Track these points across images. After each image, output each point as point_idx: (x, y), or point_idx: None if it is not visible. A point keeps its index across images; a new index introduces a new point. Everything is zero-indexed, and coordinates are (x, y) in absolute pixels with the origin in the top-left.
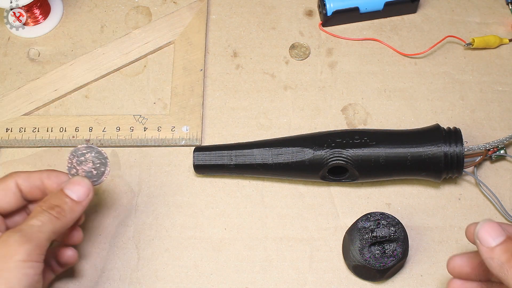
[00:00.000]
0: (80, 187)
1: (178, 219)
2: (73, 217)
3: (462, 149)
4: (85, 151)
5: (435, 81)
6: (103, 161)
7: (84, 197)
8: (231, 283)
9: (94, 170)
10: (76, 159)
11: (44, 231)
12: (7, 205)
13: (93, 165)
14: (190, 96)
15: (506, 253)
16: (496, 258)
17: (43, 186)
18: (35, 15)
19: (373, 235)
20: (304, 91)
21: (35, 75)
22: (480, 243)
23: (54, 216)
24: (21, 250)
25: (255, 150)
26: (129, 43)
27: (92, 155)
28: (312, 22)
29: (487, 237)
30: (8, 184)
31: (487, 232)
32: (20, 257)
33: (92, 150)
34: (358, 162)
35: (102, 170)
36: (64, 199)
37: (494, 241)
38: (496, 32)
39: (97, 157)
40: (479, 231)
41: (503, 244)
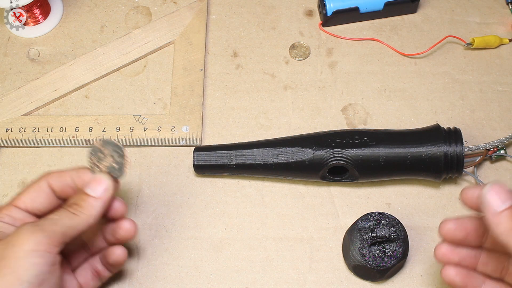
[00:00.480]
0: (98, 184)
1: (178, 219)
2: (92, 213)
3: (462, 149)
4: (102, 147)
5: (435, 81)
6: (121, 153)
7: (102, 193)
8: (231, 283)
9: (115, 164)
10: (95, 157)
11: (59, 224)
12: (42, 205)
13: (112, 159)
14: (190, 96)
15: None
16: (503, 224)
17: (74, 184)
18: (35, 15)
19: (373, 235)
20: (304, 91)
21: (35, 75)
22: (487, 205)
23: (71, 212)
24: (31, 239)
25: (255, 150)
26: (129, 43)
27: (110, 150)
28: (312, 22)
29: (493, 201)
30: (41, 185)
31: (494, 195)
32: (29, 246)
33: (108, 144)
34: (358, 162)
35: (122, 162)
36: (82, 196)
37: (502, 205)
38: (496, 32)
39: (115, 150)
40: (488, 193)
41: (510, 209)
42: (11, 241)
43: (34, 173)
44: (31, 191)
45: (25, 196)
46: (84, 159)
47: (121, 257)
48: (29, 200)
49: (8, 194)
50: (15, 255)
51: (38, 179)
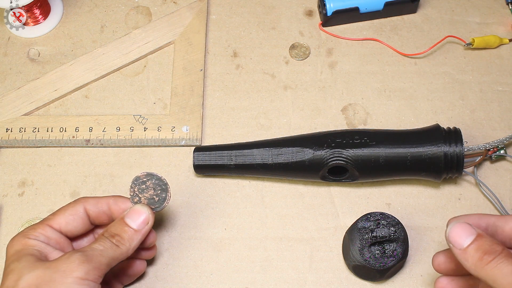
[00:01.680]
0: (139, 216)
1: (178, 219)
2: (132, 245)
3: (462, 149)
4: (145, 179)
5: (435, 81)
6: (163, 187)
7: (143, 226)
8: (231, 283)
9: (156, 197)
10: (137, 187)
11: (104, 255)
12: (75, 229)
13: (154, 192)
14: (190, 96)
15: (478, 251)
16: (470, 259)
17: (110, 211)
18: (35, 15)
19: (373, 235)
20: (304, 91)
21: (35, 75)
22: (453, 246)
23: (114, 243)
24: (81, 267)
25: (255, 150)
26: (129, 43)
27: (153, 182)
28: (312, 22)
29: (457, 239)
30: (77, 209)
31: (457, 234)
32: (79, 274)
33: (152, 177)
34: (358, 162)
35: (163, 196)
36: (124, 227)
37: (465, 242)
38: (496, 32)
39: (158, 184)
40: (449, 235)
41: (474, 243)
42: (60, 267)
43: (34, 173)
44: (67, 214)
45: (61, 217)
46: (84, 159)
47: (141, 269)
48: (64, 222)
49: (8, 194)
50: (64, 281)
51: (75, 202)
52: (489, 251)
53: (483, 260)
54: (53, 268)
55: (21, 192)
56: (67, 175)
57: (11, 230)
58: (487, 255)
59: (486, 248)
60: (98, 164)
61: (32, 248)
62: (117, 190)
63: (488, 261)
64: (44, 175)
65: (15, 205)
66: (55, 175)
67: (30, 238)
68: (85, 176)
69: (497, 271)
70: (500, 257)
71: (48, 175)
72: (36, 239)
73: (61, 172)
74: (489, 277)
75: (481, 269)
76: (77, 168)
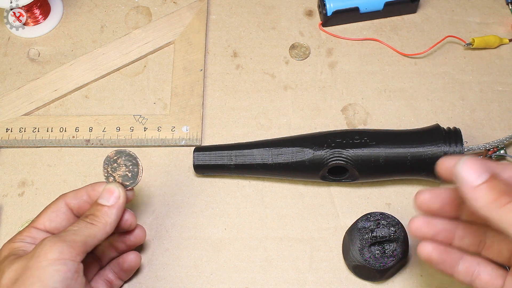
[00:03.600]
0: (110, 194)
1: (178, 219)
2: (108, 220)
3: (462, 149)
4: (116, 157)
5: (435, 81)
6: (134, 162)
7: (114, 201)
8: (231, 283)
9: (129, 173)
10: (110, 167)
11: (79, 234)
12: (60, 225)
13: (126, 168)
14: (190, 96)
15: (493, 191)
16: (483, 198)
17: (90, 199)
18: (35, 15)
19: (373, 235)
20: (304, 91)
21: (35, 75)
22: (463, 181)
23: (88, 222)
24: (53, 248)
25: (255, 150)
26: (129, 43)
27: (123, 159)
28: (312, 22)
29: (469, 175)
30: (58, 205)
31: (470, 169)
32: (53, 255)
33: (122, 154)
34: (358, 162)
35: (135, 171)
36: (97, 207)
37: (479, 179)
38: (496, 32)
39: (128, 159)
40: (462, 169)
41: (488, 182)
42: (35, 253)
43: (34, 173)
44: (49, 211)
45: (44, 217)
46: (84, 159)
47: (135, 262)
48: (48, 220)
49: (8, 194)
50: (39, 265)
51: (55, 200)
52: (507, 192)
53: (499, 201)
54: (29, 257)
55: (21, 192)
56: (67, 175)
57: (11, 230)
58: (505, 196)
59: (503, 188)
60: (98, 164)
61: (17, 250)
62: None
63: (505, 203)
64: (44, 175)
65: (15, 205)
66: (55, 175)
67: (15, 242)
68: (85, 176)
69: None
70: None
71: (48, 175)
72: (21, 241)
73: (61, 172)
74: (505, 219)
75: (496, 210)
76: (77, 168)
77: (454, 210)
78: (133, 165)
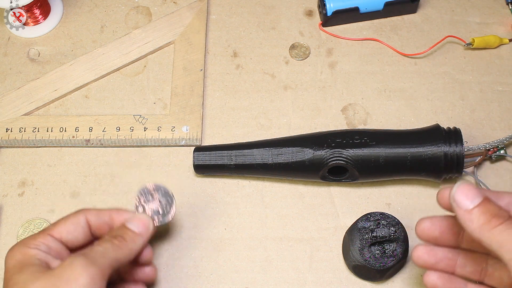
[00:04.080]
0: (140, 221)
1: (178, 219)
2: (134, 247)
3: (462, 149)
4: (153, 191)
5: (435, 81)
6: (169, 201)
7: (143, 230)
8: (231, 283)
9: (160, 210)
10: (144, 197)
11: (107, 256)
12: (76, 239)
13: (159, 204)
14: (190, 96)
15: (485, 214)
16: (475, 220)
17: (112, 222)
18: (35, 15)
19: (373, 235)
20: (304, 91)
21: (35, 75)
22: (457, 205)
23: (116, 244)
24: (85, 273)
25: (255, 150)
26: (129, 43)
27: (160, 194)
28: (312, 22)
29: (464, 199)
30: (79, 218)
31: (464, 194)
32: (84, 280)
33: (160, 190)
34: (358, 162)
35: (168, 210)
36: (125, 230)
37: (472, 203)
38: (496, 32)
39: (164, 196)
40: (455, 194)
41: (481, 205)
42: (64, 275)
43: (34, 173)
44: (68, 223)
45: (62, 227)
46: (84, 159)
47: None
48: (65, 231)
49: (8, 194)
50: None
51: (76, 212)
52: (498, 215)
53: (490, 223)
54: (57, 276)
55: (21, 192)
56: (67, 175)
57: (11, 230)
58: (495, 218)
59: (494, 211)
60: (98, 164)
61: (34, 258)
62: (117, 190)
63: (496, 225)
64: (44, 175)
65: (15, 205)
66: (55, 175)
67: (31, 248)
68: (85, 176)
69: (505, 236)
70: (509, 222)
71: (48, 175)
72: (36, 248)
73: (61, 172)
74: (495, 241)
75: (487, 232)
76: (77, 168)
77: (454, 238)
78: (168, 204)
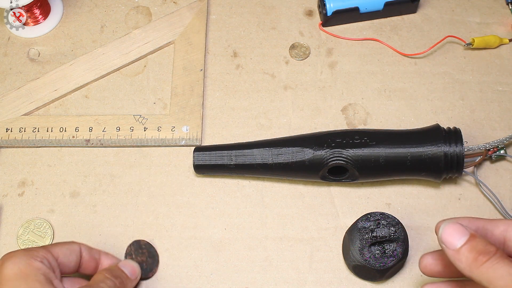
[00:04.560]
0: (131, 266)
1: (178, 219)
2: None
3: (462, 149)
4: (144, 246)
5: (435, 81)
6: (155, 260)
7: (134, 276)
8: (231, 283)
9: (145, 264)
10: (135, 248)
11: None
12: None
13: (145, 259)
14: (190, 96)
15: (472, 252)
16: (463, 260)
17: (100, 261)
18: (35, 15)
19: (373, 235)
20: (304, 91)
21: (35, 75)
22: (445, 246)
23: (117, 285)
24: None
25: (255, 150)
26: (129, 43)
27: (148, 251)
28: (312, 22)
29: (450, 239)
30: (74, 247)
31: (450, 234)
32: None
33: (150, 248)
34: (358, 162)
35: (151, 268)
36: (121, 273)
37: (459, 242)
38: (496, 32)
39: (152, 256)
40: (442, 235)
41: (467, 243)
42: None
43: (34, 173)
44: (65, 247)
45: (60, 249)
46: (84, 159)
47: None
48: (62, 253)
49: (8, 194)
50: None
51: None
52: (484, 251)
53: (477, 261)
54: None
55: (21, 192)
56: (67, 175)
57: (11, 230)
58: (482, 255)
59: (480, 248)
60: (98, 164)
61: (39, 271)
62: (117, 190)
63: (483, 262)
64: (44, 175)
65: (15, 205)
66: (55, 175)
67: (36, 260)
68: (85, 176)
69: (492, 272)
70: (495, 257)
71: (48, 175)
72: (42, 262)
73: (61, 172)
74: (484, 278)
75: (476, 270)
76: (77, 168)
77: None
78: (153, 263)
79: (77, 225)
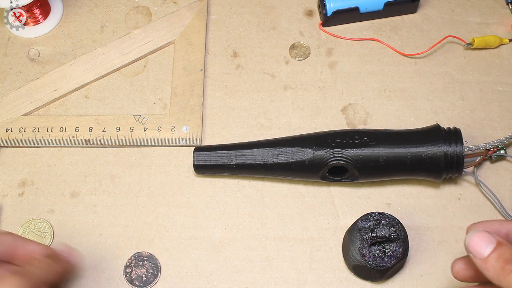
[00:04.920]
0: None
1: (178, 219)
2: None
3: (462, 149)
4: (145, 258)
5: (435, 81)
6: (155, 273)
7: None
8: (231, 283)
9: (144, 277)
10: (135, 261)
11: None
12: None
13: (146, 272)
14: (190, 96)
15: (499, 260)
16: (491, 269)
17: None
18: (35, 15)
19: (373, 235)
20: (304, 91)
21: (35, 75)
22: (473, 256)
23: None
24: None
25: (255, 150)
26: (129, 43)
27: (149, 264)
28: (312, 22)
29: (477, 248)
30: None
31: (477, 243)
32: None
33: (151, 261)
34: (358, 162)
35: (150, 281)
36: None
37: (486, 251)
38: (496, 32)
39: (153, 268)
40: (468, 244)
41: (495, 251)
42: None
43: (34, 173)
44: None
45: None
46: (83, 159)
47: None
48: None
49: (8, 194)
50: None
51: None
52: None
53: (505, 270)
54: None
55: (21, 192)
56: (67, 175)
57: (11, 230)
58: (509, 264)
59: (507, 256)
60: (98, 164)
61: None
62: (117, 190)
63: (510, 271)
64: (44, 175)
65: (15, 205)
66: (55, 175)
67: None
68: (85, 176)
69: None
70: None
71: (48, 175)
72: None
73: (61, 172)
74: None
75: (503, 279)
76: (77, 168)
77: None
78: (153, 275)
79: (77, 225)
